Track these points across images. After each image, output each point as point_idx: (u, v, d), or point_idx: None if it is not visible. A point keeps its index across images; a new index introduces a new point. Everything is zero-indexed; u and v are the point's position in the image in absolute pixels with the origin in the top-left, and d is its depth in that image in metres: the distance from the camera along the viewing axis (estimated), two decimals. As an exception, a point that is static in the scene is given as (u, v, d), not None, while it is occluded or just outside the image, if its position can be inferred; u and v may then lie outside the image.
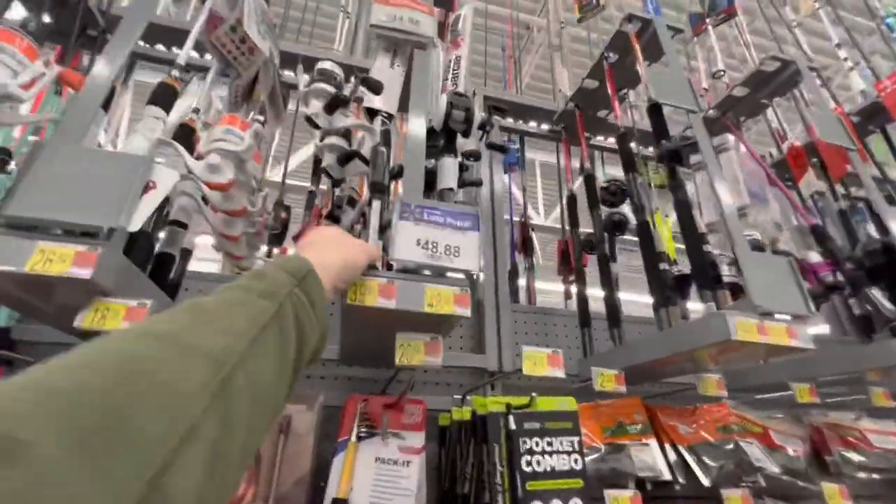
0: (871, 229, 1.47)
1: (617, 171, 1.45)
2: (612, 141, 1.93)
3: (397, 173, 0.85)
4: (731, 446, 1.03)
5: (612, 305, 1.22)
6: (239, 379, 0.30)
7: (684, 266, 1.15)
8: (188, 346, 0.29)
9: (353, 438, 0.85)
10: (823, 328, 2.07)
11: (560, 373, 0.80)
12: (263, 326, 0.35)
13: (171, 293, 0.93)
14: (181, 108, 0.93)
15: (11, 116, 0.63)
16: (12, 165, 0.93)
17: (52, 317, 0.73)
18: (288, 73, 1.69)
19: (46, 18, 1.21)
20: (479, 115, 1.01)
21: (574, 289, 1.92)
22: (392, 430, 0.87)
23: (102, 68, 0.71)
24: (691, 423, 1.06)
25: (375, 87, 0.82)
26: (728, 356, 0.98)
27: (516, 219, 2.10)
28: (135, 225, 0.61)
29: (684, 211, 1.03)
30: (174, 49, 1.51)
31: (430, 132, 0.94)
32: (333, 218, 1.21)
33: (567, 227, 1.96)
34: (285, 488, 0.78)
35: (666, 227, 2.13)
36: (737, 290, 1.11)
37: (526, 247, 2.02)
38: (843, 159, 1.54)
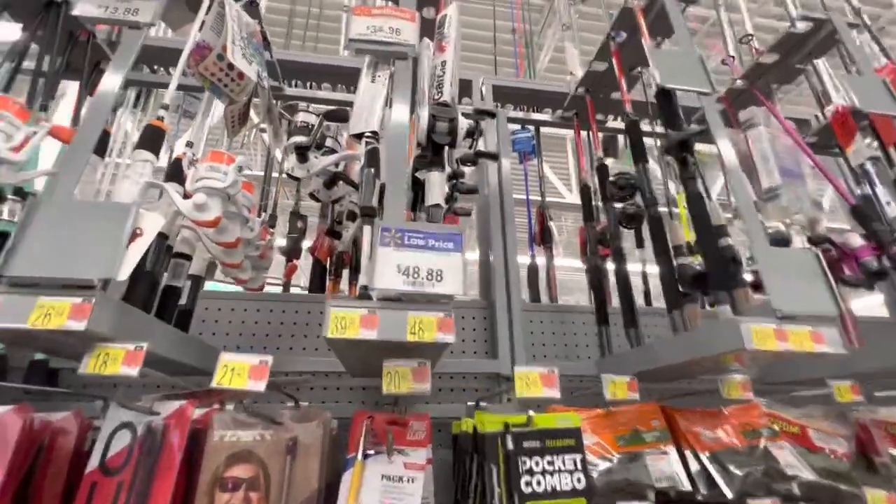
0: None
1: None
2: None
3: (382, 191, 0.84)
4: (759, 452, 0.97)
5: (629, 304, 1.16)
6: None
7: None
8: None
9: (360, 457, 0.87)
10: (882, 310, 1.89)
11: (555, 393, 0.77)
12: None
13: (183, 321, 0.98)
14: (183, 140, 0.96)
15: (9, 176, 0.67)
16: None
17: (73, 356, 0.79)
18: (296, 84, 1.71)
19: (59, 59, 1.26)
20: (467, 120, 0.97)
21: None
22: (397, 446, 0.88)
23: (90, 119, 0.74)
24: (715, 428, 1.01)
25: (339, 118, 0.81)
26: (753, 359, 0.92)
27: (533, 209, 2.04)
28: (123, 274, 0.64)
29: (697, 204, 0.96)
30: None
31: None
32: (334, 234, 1.22)
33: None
34: (295, 507, 0.81)
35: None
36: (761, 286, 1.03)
37: (544, 237, 1.96)
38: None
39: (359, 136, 0.87)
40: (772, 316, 0.78)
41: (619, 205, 1.28)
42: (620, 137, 1.93)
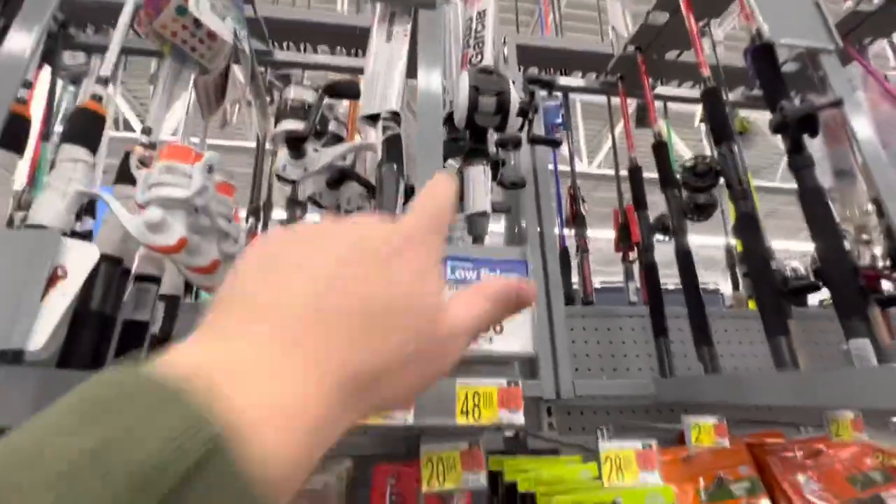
0: None
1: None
2: (677, 89, 1.56)
3: (409, 194, 0.62)
4: (873, 506, 0.79)
5: (700, 318, 0.96)
6: None
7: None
8: None
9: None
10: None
11: (656, 479, 0.58)
12: None
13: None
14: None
15: None
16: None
17: None
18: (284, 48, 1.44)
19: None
20: (515, 89, 0.74)
21: (637, 270, 1.65)
22: (431, 513, 0.70)
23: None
24: (816, 474, 0.83)
25: (344, 93, 0.58)
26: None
27: (563, 190, 1.81)
28: (37, 341, 0.43)
29: (815, 200, 0.73)
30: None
31: (450, 119, 0.69)
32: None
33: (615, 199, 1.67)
34: None
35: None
36: (890, 305, 0.82)
37: (577, 223, 1.73)
38: None
39: (373, 118, 0.64)
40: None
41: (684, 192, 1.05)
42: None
